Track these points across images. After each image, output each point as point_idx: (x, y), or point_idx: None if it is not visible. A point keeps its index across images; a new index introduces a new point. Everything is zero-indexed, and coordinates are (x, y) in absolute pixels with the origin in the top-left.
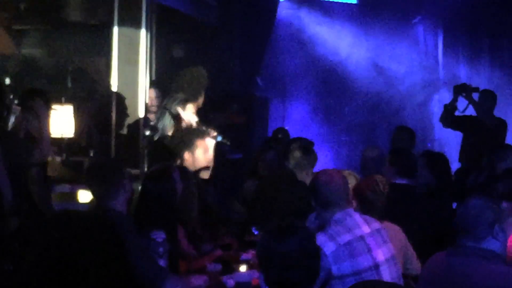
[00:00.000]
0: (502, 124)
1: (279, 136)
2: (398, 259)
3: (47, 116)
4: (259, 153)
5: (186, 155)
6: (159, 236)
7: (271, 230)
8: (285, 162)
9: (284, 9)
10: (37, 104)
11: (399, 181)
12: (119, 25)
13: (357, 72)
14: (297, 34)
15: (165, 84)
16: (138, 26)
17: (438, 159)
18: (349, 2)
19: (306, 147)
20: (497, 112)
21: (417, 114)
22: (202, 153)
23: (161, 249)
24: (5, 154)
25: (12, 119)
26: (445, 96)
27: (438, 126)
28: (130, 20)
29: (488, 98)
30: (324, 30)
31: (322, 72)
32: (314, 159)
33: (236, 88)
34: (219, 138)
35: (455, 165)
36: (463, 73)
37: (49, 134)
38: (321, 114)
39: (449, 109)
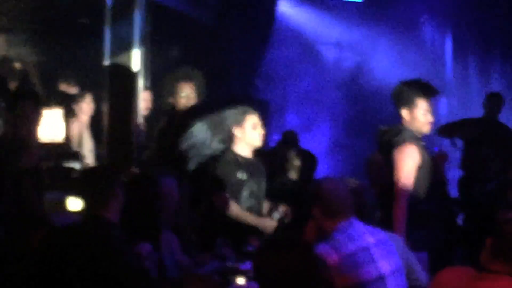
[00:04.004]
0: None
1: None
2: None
3: (36, 119)
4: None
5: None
6: (145, 249)
7: (269, 242)
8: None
9: (284, 7)
10: (26, 107)
11: None
12: (112, 24)
13: (361, 74)
14: (297, 34)
15: (160, 85)
16: (131, 25)
17: None
18: (354, 0)
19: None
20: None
21: None
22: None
23: (147, 263)
24: None
25: None
26: (453, 98)
27: None
28: (123, 20)
29: (495, 102)
30: (326, 29)
31: (324, 73)
32: None
33: (235, 90)
34: None
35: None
36: (473, 74)
37: (38, 138)
38: (324, 118)
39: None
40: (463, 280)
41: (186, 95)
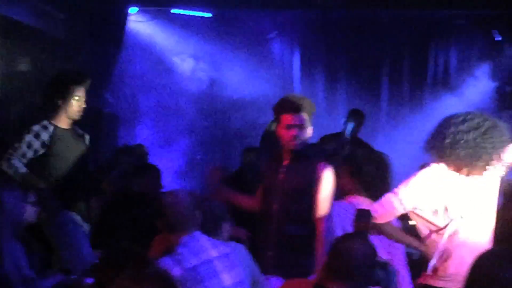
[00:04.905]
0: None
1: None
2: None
3: None
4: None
5: None
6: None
7: (107, 257)
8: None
9: (135, 22)
10: None
11: None
12: None
13: (215, 88)
14: (149, 47)
15: (10, 98)
16: None
17: None
18: (203, 15)
19: None
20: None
21: None
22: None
23: None
24: None
25: None
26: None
27: None
28: None
29: (357, 118)
30: (175, 43)
31: (178, 87)
32: None
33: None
34: None
35: None
36: (320, 91)
37: None
38: (172, 132)
39: None
40: None
41: (79, 98)
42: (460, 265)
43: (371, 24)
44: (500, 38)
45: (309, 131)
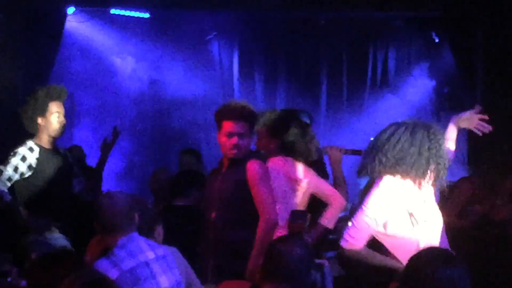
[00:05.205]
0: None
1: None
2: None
3: None
4: None
5: None
6: None
7: (38, 259)
8: None
9: (73, 22)
10: None
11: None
12: None
13: (147, 89)
14: (85, 48)
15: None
16: None
17: None
18: (141, 16)
19: None
20: None
21: (209, 134)
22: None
23: None
24: None
25: None
26: None
27: None
28: None
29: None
30: (115, 43)
31: (112, 87)
32: None
33: (21, 104)
34: None
35: None
36: (259, 92)
37: None
38: (111, 132)
39: None
40: None
41: (58, 113)
42: None
43: (310, 26)
44: (438, 40)
45: (250, 140)
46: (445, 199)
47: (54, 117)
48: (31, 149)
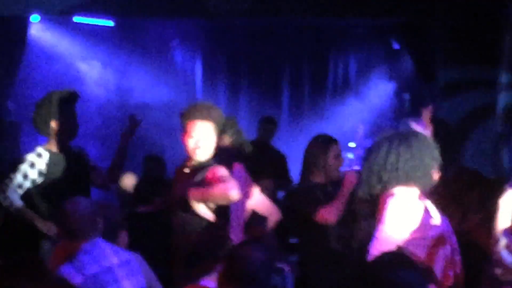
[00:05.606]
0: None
1: None
2: None
3: None
4: None
5: None
6: None
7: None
8: None
9: (37, 30)
10: None
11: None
12: None
13: (113, 96)
14: (52, 56)
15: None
16: None
17: None
18: (106, 24)
19: None
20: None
21: (173, 140)
22: None
23: None
24: None
25: None
26: None
27: None
28: None
29: (268, 126)
30: (80, 51)
31: (84, 94)
32: None
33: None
34: None
35: None
36: (222, 98)
37: None
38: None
39: None
40: None
41: (73, 116)
42: None
43: (271, 32)
44: (398, 47)
45: (215, 141)
46: None
47: (69, 121)
48: (39, 155)
